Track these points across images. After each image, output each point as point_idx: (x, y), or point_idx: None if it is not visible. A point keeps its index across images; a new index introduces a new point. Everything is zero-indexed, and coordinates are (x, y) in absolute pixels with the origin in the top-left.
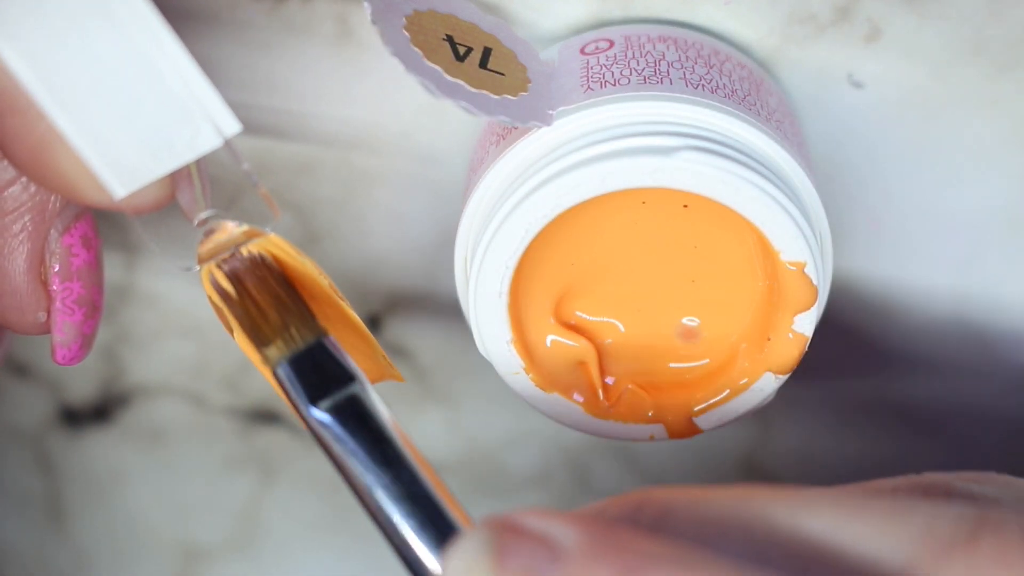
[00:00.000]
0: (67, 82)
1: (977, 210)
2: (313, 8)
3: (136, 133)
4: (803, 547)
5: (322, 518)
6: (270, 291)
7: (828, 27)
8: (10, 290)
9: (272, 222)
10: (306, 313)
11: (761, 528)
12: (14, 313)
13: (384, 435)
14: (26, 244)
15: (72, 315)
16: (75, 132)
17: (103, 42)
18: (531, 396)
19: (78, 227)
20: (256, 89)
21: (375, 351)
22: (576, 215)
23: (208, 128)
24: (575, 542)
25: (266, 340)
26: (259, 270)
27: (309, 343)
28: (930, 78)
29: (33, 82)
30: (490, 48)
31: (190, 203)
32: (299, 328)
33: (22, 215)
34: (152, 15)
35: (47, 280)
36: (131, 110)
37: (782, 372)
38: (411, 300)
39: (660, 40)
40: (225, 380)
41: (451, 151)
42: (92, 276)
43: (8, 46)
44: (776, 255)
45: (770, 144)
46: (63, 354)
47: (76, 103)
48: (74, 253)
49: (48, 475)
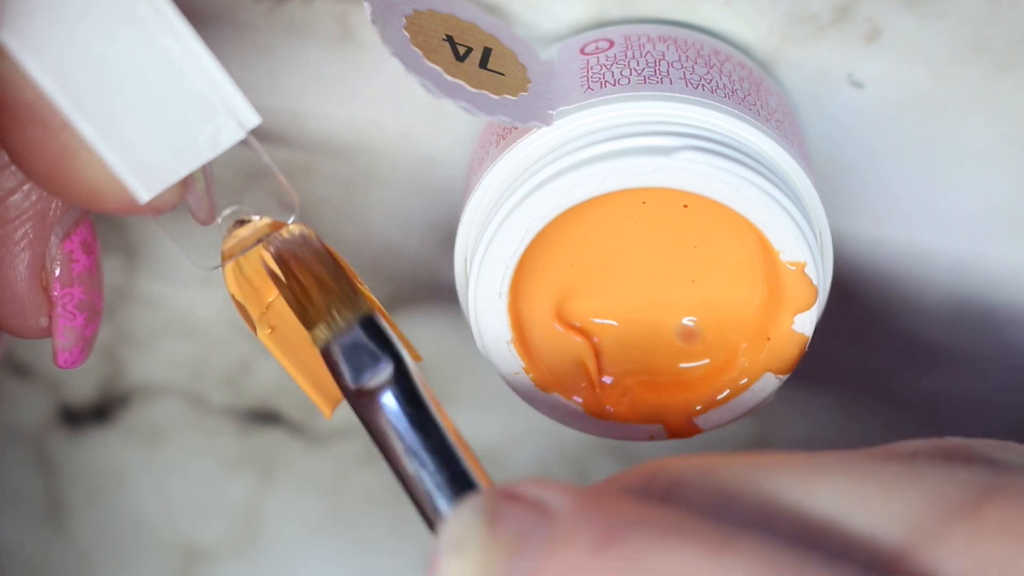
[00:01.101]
0: (92, 88)
1: (977, 210)
2: (313, 8)
3: (160, 134)
4: (810, 515)
5: (322, 518)
6: (313, 271)
7: (828, 27)
8: (12, 296)
9: (295, 212)
10: (351, 291)
11: (769, 497)
12: (16, 319)
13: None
14: (27, 251)
15: (73, 320)
16: (100, 139)
17: (126, 45)
18: (531, 396)
19: (78, 233)
20: (256, 89)
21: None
22: (576, 215)
23: (231, 123)
24: (567, 507)
25: (312, 322)
26: (302, 249)
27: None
28: (930, 78)
29: (58, 91)
30: (490, 48)
31: (197, 202)
32: (344, 308)
33: (24, 223)
34: (173, 13)
35: (48, 286)
36: (155, 111)
37: (782, 372)
38: (411, 300)
39: (660, 40)
40: (225, 380)
41: (451, 151)
42: (92, 281)
43: (31, 56)
44: (776, 255)
45: (770, 144)
46: (65, 358)
47: (101, 109)
48: (75, 259)
49: (48, 475)
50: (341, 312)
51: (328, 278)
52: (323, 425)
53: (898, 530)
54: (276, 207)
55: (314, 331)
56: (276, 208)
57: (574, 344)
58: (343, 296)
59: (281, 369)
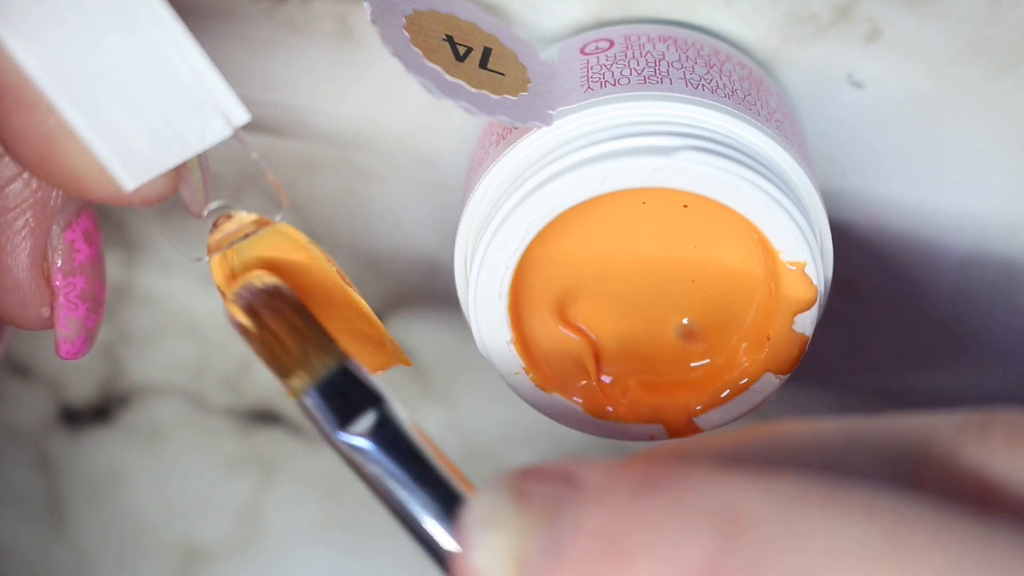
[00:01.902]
0: (79, 76)
1: (977, 210)
2: (313, 8)
3: (147, 125)
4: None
5: (322, 518)
6: (287, 321)
7: (828, 27)
8: (13, 286)
9: (282, 210)
10: (325, 339)
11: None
12: (17, 309)
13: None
14: (28, 240)
15: (75, 310)
16: (86, 126)
17: (115, 34)
18: (531, 396)
19: (80, 223)
20: (256, 88)
21: (383, 337)
22: (576, 215)
23: (218, 118)
24: (593, 474)
25: (288, 371)
26: (274, 300)
27: (332, 370)
28: (930, 78)
29: (44, 77)
30: (490, 48)
31: (191, 194)
32: (319, 356)
33: (24, 211)
34: (164, 9)
35: (50, 276)
36: (142, 102)
37: (782, 372)
38: (411, 300)
39: (660, 40)
40: (225, 380)
41: (451, 151)
42: (94, 271)
43: (18, 41)
44: (776, 255)
45: (770, 144)
46: (67, 349)
47: (88, 96)
48: (76, 248)
49: (48, 475)
50: (319, 357)
51: (303, 325)
52: None
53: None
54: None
55: (291, 380)
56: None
57: (574, 344)
58: (319, 343)
59: None
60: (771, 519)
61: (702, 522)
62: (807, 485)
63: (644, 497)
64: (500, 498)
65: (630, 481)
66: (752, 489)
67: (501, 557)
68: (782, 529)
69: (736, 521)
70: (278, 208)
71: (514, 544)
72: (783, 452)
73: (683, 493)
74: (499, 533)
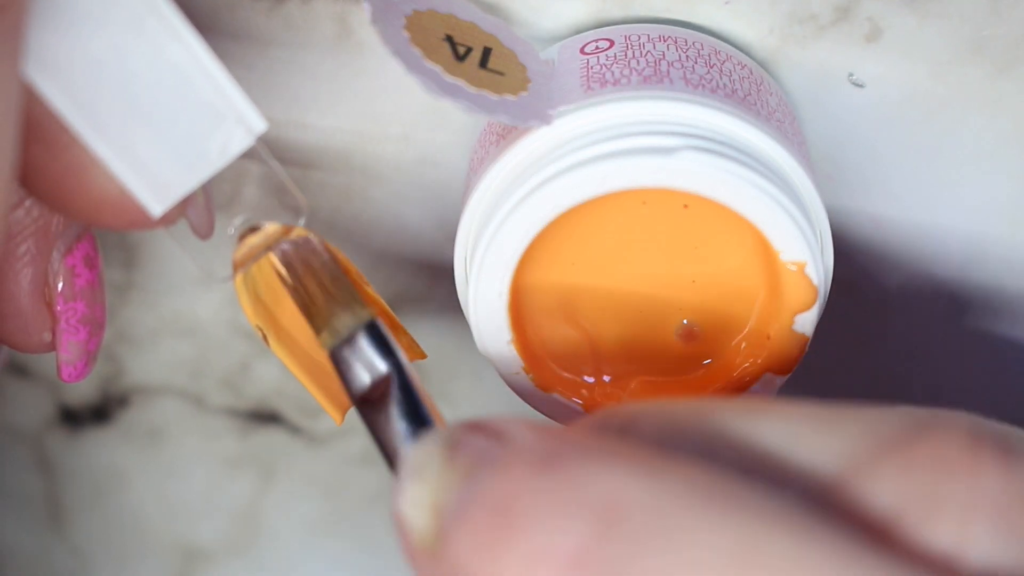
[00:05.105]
0: (104, 105)
1: (977, 210)
2: (313, 8)
3: (171, 146)
4: (751, 449)
5: (322, 518)
6: (316, 277)
7: (828, 27)
8: (15, 312)
9: (303, 215)
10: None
11: (715, 430)
12: (19, 335)
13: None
14: (30, 267)
15: (76, 334)
16: (113, 155)
17: (137, 60)
18: (531, 396)
19: (80, 247)
20: (255, 88)
21: (402, 334)
22: (576, 215)
23: (240, 130)
24: (522, 436)
25: (318, 328)
26: (306, 254)
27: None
28: (930, 78)
29: (71, 110)
30: (490, 48)
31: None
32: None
33: (26, 238)
34: (181, 24)
35: (51, 301)
36: (167, 124)
37: (782, 372)
38: (411, 300)
39: (660, 40)
40: (224, 380)
41: (451, 151)
42: (95, 295)
43: (42, 75)
44: (776, 255)
45: (770, 144)
46: (69, 372)
47: (114, 125)
48: (77, 273)
49: (48, 475)
50: (342, 320)
51: (330, 285)
52: (323, 425)
53: (834, 463)
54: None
55: (321, 336)
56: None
57: (574, 344)
58: (345, 303)
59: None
60: (646, 513)
61: (581, 509)
62: (693, 480)
63: (541, 474)
64: (433, 448)
65: (540, 452)
66: (638, 478)
67: (422, 507)
68: (654, 525)
69: (613, 512)
70: (300, 213)
71: (436, 496)
72: (711, 443)
73: (573, 476)
74: (424, 483)
